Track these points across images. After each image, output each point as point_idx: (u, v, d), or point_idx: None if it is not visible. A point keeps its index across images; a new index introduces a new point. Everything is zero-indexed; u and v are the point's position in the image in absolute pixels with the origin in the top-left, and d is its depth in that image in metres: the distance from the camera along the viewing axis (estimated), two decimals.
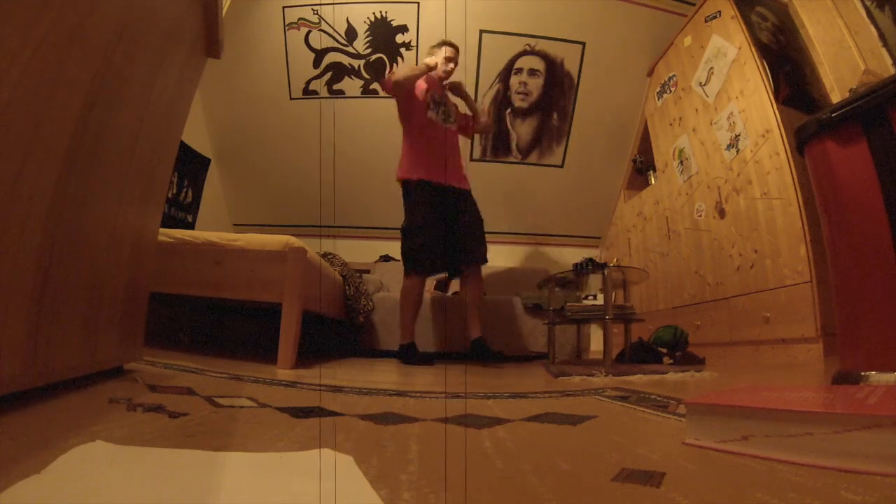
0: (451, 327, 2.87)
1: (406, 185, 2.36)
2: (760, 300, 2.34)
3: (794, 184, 2.17)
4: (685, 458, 0.54)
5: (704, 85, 2.92)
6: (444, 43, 2.47)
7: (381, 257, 3.90)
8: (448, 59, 2.45)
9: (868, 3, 2.22)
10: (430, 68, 2.39)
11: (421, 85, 2.43)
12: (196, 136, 3.46)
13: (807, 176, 1.44)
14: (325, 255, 2.82)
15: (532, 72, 3.63)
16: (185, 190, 3.27)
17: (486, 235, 2.54)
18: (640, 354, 2.38)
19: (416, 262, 2.31)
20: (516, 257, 4.20)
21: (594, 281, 2.59)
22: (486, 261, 2.45)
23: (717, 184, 2.75)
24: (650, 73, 3.63)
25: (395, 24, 3.41)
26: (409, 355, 2.31)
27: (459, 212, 2.39)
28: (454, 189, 2.39)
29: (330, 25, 3.43)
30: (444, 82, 2.50)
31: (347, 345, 2.97)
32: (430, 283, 3.11)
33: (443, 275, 2.82)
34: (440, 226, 2.30)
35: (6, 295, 0.57)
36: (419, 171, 2.32)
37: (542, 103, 3.75)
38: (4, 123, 0.52)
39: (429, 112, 2.40)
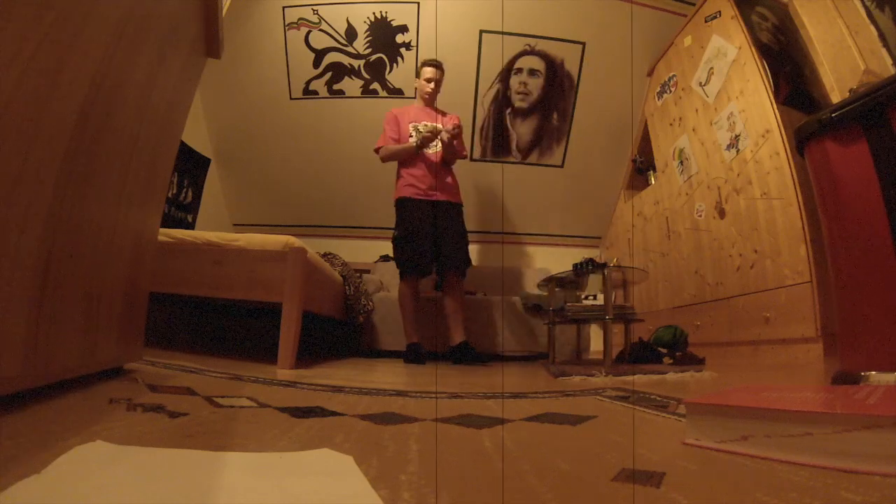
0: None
1: (396, 202, 2.63)
2: (760, 300, 2.34)
3: (794, 184, 2.17)
4: (685, 458, 0.54)
5: (704, 85, 2.91)
6: (426, 63, 2.70)
7: (381, 257, 3.90)
8: (428, 80, 2.67)
9: (868, 3, 2.22)
10: (418, 147, 2.57)
11: (408, 115, 2.68)
12: (196, 136, 3.46)
13: (807, 176, 1.43)
14: (325, 255, 2.82)
15: (532, 72, 3.63)
16: (185, 190, 3.27)
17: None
18: (640, 354, 2.38)
19: (404, 267, 2.53)
20: (516, 257, 4.20)
21: (594, 281, 2.59)
22: (463, 273, 2.58)
23: (717, 184, 2.75)
24: (650, 73, 3.63)
25: (395, 24, 3.41)
26: (407, 355, 2.45)
27: (443, 223, 2.57)
28: (442, 203, 2.59)
29: (330, 25, 3.43)
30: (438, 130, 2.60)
31: (347, 345, 2.98)
32: (430, 284, 3.12)
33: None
34: (427, 234, 2.51)
35: (6, 295, 0.57)
36: (406, 191, 2.58)
37: (542, 103, 3.75)
38: (4, 123, 0.52)
39: (411, 140, 2.61)
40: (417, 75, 2.73)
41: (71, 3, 0.60)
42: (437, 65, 2.67)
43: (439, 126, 2.61)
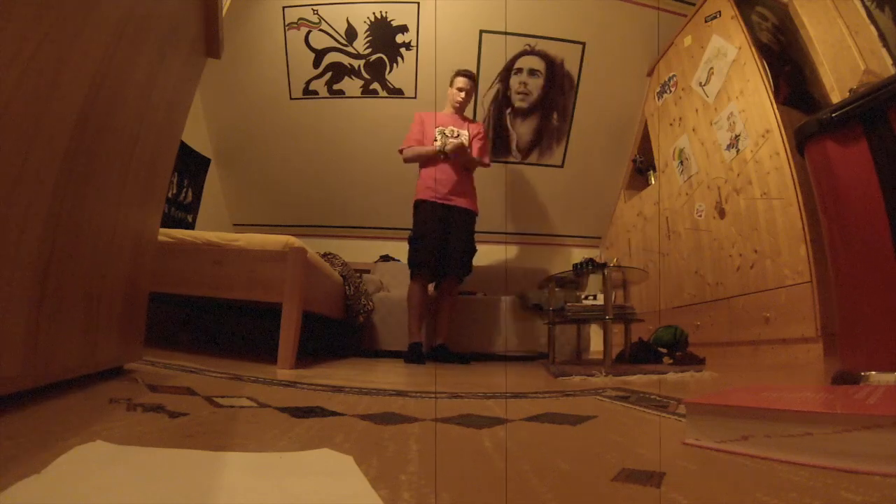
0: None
1: (414, 204, 2.70)
2: (760, 300, 2.34)
3: (794, 184, 2.17)
4: (685, 458, 0.54)
5: (704, 85, 2.91)
6: (459, 73, 2.78)
7: (381, 257, 3.90)
8: (460, 90, 2.76)
9: (868, 3, 2.22)
10: (439, 152, 2.63)
11: (433, 120, 2.74)
12: (196, 136, 3.45)
13: (807, 176, 1.43)
14: (325, 255, 2.82)
15: (532, 72, 3.62)
16: (185, 190, 3.27)
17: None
18: (640, 354, 2.38)
19: (415, 267, 2.59)
20: (516, 257, 4.19)
21: (594, 281, 2.59)
22: (460, 280, 2.68)
23: (717, 184, 2.75)
24: (650, 73, 3.63)
25: (395, 24, 3.41)
26: (408, 354, 2.48)
27: (454, 229, 2.64)
28: (457, 208, 2.66)
29: (330, 25, 3.43)
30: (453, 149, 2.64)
31: (347, 345, 2.97)
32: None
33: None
34: (438, 238, 2.58)
35: (6, 295, 0.57)
36: (425, 193, 2.65)
37: (542, 103, 3.75)
38: (4, 123, 0.52)
39: (435, 143, 2.69)
40: (450, 84, 2.81)
41: (71, 3, 0.60)
42: (471, 76, 2.78)
43: (465, 140, 2.67)
